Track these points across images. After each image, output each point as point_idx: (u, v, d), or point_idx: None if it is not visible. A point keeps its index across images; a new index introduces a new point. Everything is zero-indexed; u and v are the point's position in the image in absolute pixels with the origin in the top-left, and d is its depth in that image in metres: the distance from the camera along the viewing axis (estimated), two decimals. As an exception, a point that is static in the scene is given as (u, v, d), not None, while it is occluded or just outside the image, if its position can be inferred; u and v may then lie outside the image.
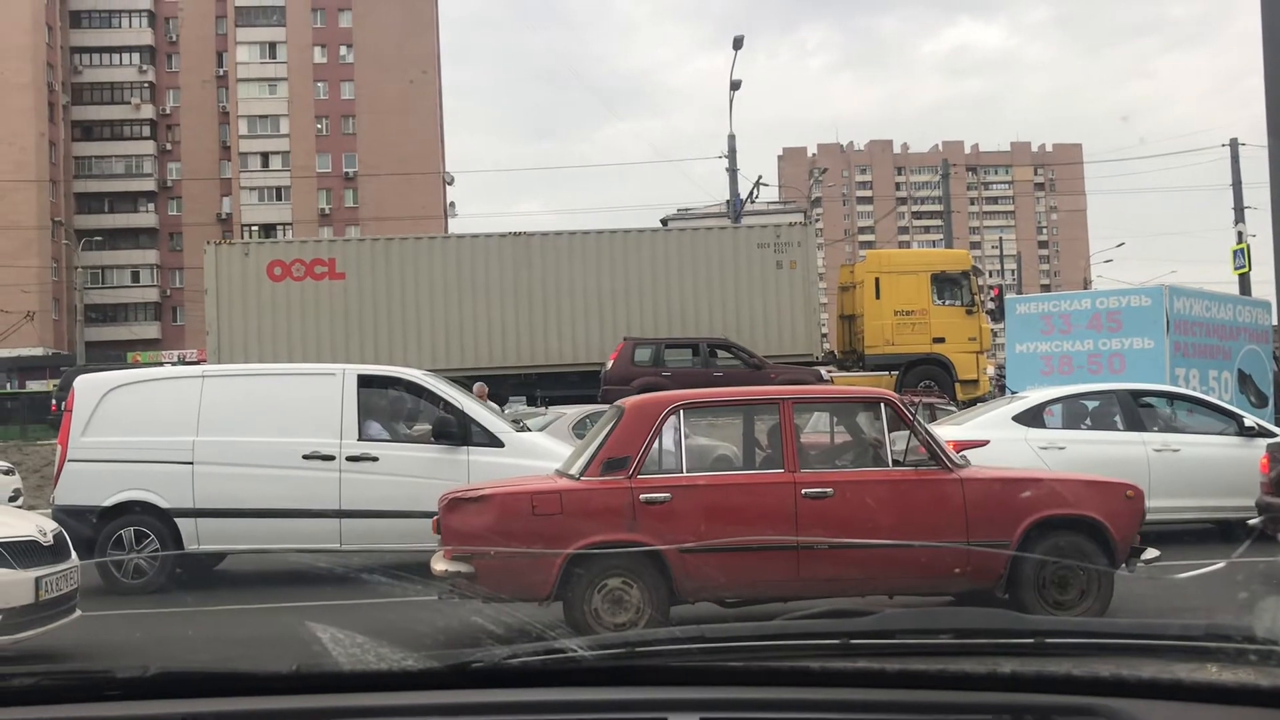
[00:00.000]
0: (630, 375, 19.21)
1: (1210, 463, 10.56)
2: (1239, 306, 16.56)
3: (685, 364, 20.19)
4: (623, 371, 19.52)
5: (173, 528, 9.45)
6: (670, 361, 20.19)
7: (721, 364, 20.18)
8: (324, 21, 71.89)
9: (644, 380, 18.44)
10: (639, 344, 20.52)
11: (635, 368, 19.71)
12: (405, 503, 8.96)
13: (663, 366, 19.85)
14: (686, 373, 19.16)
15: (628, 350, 20.19)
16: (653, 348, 20.45)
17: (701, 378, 18.18)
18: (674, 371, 19.48)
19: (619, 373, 19.48)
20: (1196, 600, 6.28)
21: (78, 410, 9.75)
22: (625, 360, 19.92)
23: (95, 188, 71.13)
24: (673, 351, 20.61)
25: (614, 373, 19.59)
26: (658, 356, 20.21)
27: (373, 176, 68.19)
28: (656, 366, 19.80)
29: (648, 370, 19.52)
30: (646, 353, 20.27)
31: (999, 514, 6.79)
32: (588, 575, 6.46)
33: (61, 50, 69.06)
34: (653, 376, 18.88)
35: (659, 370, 19.53)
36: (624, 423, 6.85)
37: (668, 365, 19.96)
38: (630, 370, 19.56)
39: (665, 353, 20.37)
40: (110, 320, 69.01)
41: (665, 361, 20.11)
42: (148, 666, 1.81)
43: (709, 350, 20.50)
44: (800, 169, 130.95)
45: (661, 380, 18.43)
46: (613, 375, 19.50)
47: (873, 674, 1.76)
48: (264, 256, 23.29)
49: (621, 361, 19.90)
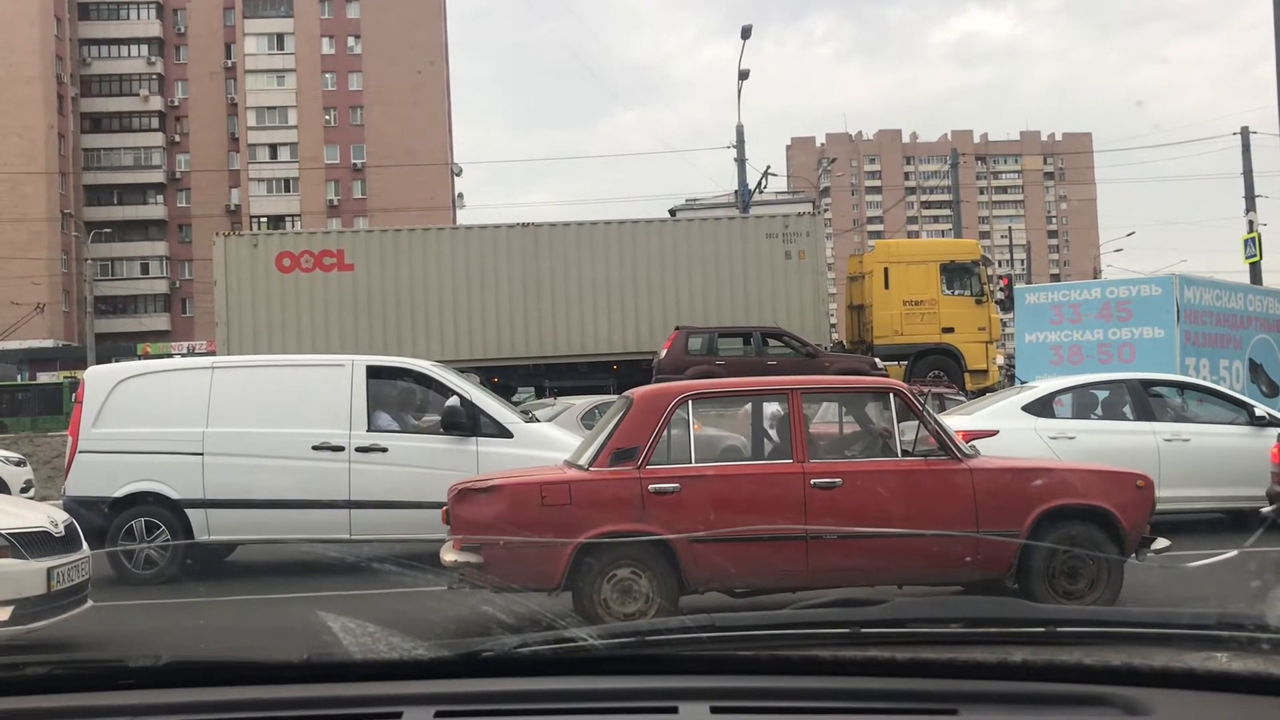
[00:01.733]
0: (684, 364, 19.20)
1: (1221, 452, 10.53)
2: (1250, 296, 16.47)
3: (738, 353, 20.21)
4: (677, 360, 19.49)
5: (183, 518, 9.48)
6: (723, 350, 20.18)
7: (774, 353, 20.18)
8: (331, 12, 71.85)
9: (698, 369, 18.54)
10: (692, 333, 20.53)
11: (689, 357, 19.70)
12: (414, 493, 8.96)
13: (716, 355, 19.85)
14: (740, 361, 19.20)
15: (681, 339, 20.19)
16: (706, 336, 20.46)
17: (755, 366, 18.19)
18: (728, 360, 19.49)
19: (673, 362, 19.47)
20: (1208, 589, 6.26)
21: (88, 401, 9.77)
22: (679, 349, 19.92)
23: (104, 180, 71.25)
24: (725, 341, 20.64)
25: (668, 361, 19.58)
26: (711, 345, 20.22)
27: (381, 168, 68.20)
28: (710, 355, 19.80)
29: (701, 359, 19.52)
30: (699, 341, 20.26)
31: (1009, 504, 6.78)
32: (597, 565, 6.47)
33: (70, 43, 69.11)
34: (706, 365, 18.92)
35: (712, 359, 19.53)
36: (632, 413, 6.85)
37: (721, 354, 19.93)
38: (684, 359, 19.56)
39: (719, 342, 20.38)
40: (120, 312, 69.16)
41: (718, 350, 20.10)
42: (160, 656, 1.82)
43: (761, 339, 20.49)
44: (809, 159, 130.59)
45: (715, 369, 18.51)
46: (667, 364, 19.48)
47: (883, 662, 1.76)
48: (273, 248, 23.33)
49: (675, 350, 19.89)
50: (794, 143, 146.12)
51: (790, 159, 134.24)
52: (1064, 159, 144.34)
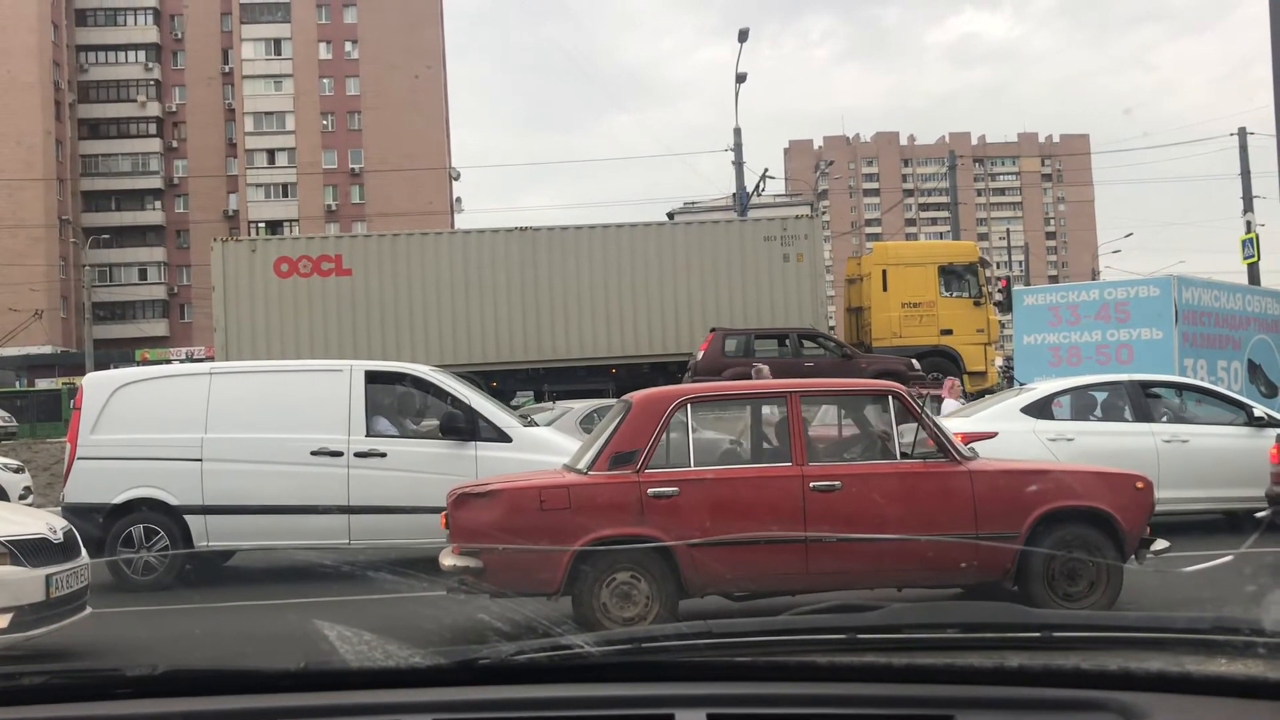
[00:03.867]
0: (721, 366, 19.31)
1: (1220, 453, 10.52)
2: (1248, 296, 16.47)
3: (774, 354, 20.25)
4: (714, 362, 19.58)
5: (182, 525, 9.47)
6: (760, 352, 20.22)
7: (810, 354, 20.18)
8: (329, 17, 71.87)
9: (735, 370, 18.62)
10: (729, 334, 20.61)
11: (726, 358, 19.77)
12: (413, 498, 8.97)
13: (753, 357, 19.84)
14: (776, 363, 19.18)
15: (718, 341, 20.27)
16: (742, 338, 20.53)
17: (792, 368, 18.23)
18: (765, 362, 19.49)
19: (710, 363, 19.56)
20: (1204, 593, 6.25)
21: (86, 408, 9.77)
22: (716, 351, 20.00)
23: (102, 186, 71.21)
24: (761, 342, 20.69)
25: (705, 363, 19.67)
26: (748, 347, 20.28)
27: (379, 172, 68.21)
28: (747, 357, 19.81)
29: (739, 361, 19.54)
30: (736, 343, 20.32)
31: (1008, 506, 6.78)
32: (596, 570, 6.46)
33: (67, 49, 69.16)
34: (744, 367, 18.94)
35: (749, 361, 19.48)
36: (631, 417, 6.84)
37: (758, 355, 19.95)
38: (721, 361, 19.64)
39: (755, 343, 20.42)
40: (118, 318, 69.14)
41: (755, 352, 20.14)
42: (157, 665, 1.81)
43: (798, 340, 20.51)
44: (806, 161, 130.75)
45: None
46: (704, 366, 19.59)
47: (879, 668, 1.76)
48: (271, 253, 23.35)
49: (712, 352, 19.97)
50: (792, 145, 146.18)
51: (788, 162, 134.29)
52: (1062, 161, 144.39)
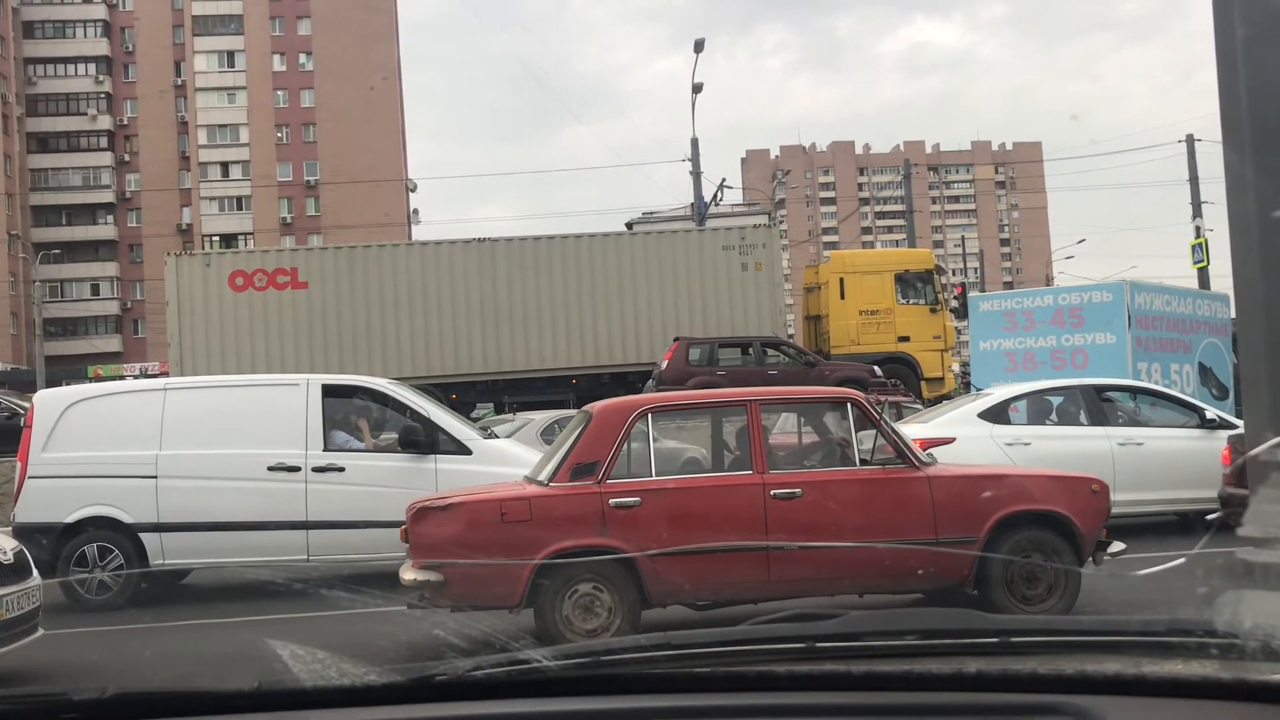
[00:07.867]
0: (685, 374, 19.38)
1: (1174, 455, 10.66)
2: (1198, 300, 16.72)
3: (737, 363, 20.37)
4: (678, 371, 19.64)
5: (137, 543, 9.32)
6: (723, 360, 20.33)
7: (774, 362, 20.30)
8: (283, 29, 71.37)
9: (699, 379, 18.72)
10: (692, 343, 20.66)
11: (690, 367, 19.83)
12: (373, 513, 8.89)
13: (716, 365, 19.99)
14: (740, 371, 19.35)
15: (682, 350, 20.31)
16: (706, 347, 20.60)
17: (756, 376, 18.27)
18: (728, 370, 19.62)
19: (674, 372, 19.61)
20: (1158, 595, 6.34)
21: (37, 426, 9.59)
22: (680, 360, 20.03)
23: (52, 200, 70.20)
24: (725, 351, 20.79)
25: (669, 372, 19.70)
26: (711, 356, 20.36)
27: (334, 184, 67.77)
28: (710, 365, 19.93)
29: (702, 369, 19.66)
30: (699, 352, 20.39)
31: (966, 510, 6.83)
32: (557, 582, 6.43)
33: (15, 62, 68.11)
34: (707, 375, 19.05)
35: (713, 369, 19.67)
36: (592, 427, 6.83)
37: (721, 364, 20.08)
38: (685, 370, 19.69)
39: (719, 352, 20.52)
40: (70, 334, 68.14)
41: (719, 361, 20.24)
42: (106, 688, 1.78)
43: (761, 349, 20.61)
44: (763, 171, 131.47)
45: (717, 379, 18.63)
46: (668, 375, 19.62)
47: (838, 677, 1.75)
48: (225, 267, 23.10)
49: (676, 361, 20.00)
50: (749, 155, 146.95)
51: (745, 171, 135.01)
52: (1015, 168, 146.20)
